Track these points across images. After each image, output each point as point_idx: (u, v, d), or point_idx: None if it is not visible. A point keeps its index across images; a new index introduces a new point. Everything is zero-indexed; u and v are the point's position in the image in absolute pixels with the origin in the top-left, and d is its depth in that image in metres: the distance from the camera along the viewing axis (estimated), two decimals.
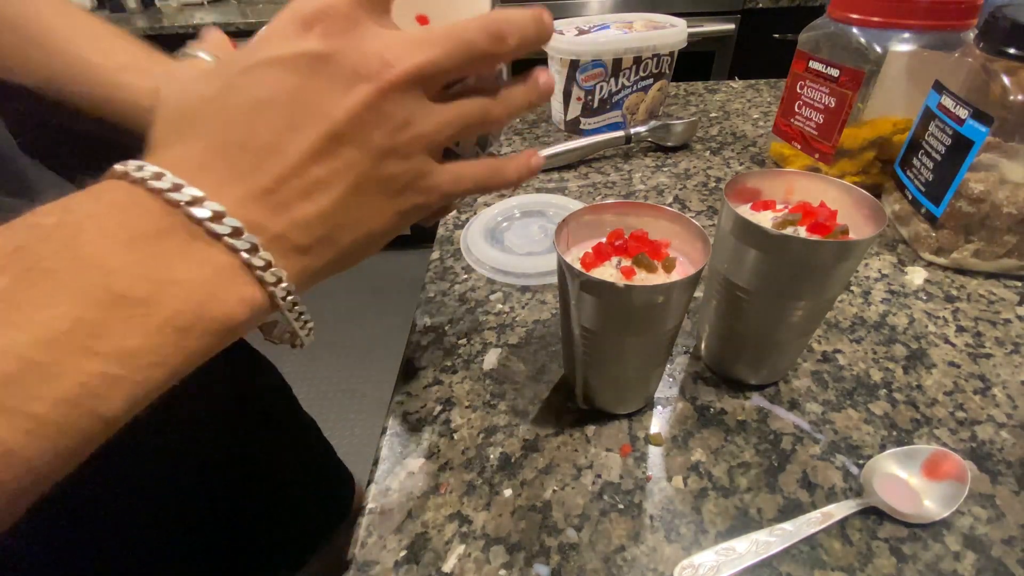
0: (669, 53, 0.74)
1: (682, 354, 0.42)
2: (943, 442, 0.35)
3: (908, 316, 0.45)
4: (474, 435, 0.37)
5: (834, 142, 0.58)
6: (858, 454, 0.34)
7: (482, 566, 0.30)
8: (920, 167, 0.50)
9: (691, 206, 0.61)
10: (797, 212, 0.34)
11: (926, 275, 0.49)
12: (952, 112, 0.46)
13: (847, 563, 0.29)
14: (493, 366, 0.42)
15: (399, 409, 0.39)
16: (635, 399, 0.37)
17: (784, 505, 0.32)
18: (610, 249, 0.33)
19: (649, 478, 0.34)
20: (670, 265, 0.32)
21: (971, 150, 0.44)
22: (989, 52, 0.44)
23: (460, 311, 0.47)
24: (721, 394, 0.39)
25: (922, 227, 0.50)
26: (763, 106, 0.86)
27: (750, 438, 0.36)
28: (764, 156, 0.71)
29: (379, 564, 0.30)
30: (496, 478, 0.34)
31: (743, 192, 0.37)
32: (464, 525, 0.32)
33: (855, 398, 0.38)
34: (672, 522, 0.31)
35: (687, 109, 0.86)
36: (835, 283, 0.33)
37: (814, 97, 0.59)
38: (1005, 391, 0.38)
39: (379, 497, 0.33)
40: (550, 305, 0.47)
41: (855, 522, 0.31)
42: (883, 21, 0.53)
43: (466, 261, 0.53)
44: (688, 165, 0.70)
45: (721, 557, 0.29)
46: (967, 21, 0.52)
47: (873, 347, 0.42)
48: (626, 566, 0.30)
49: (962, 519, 0.31)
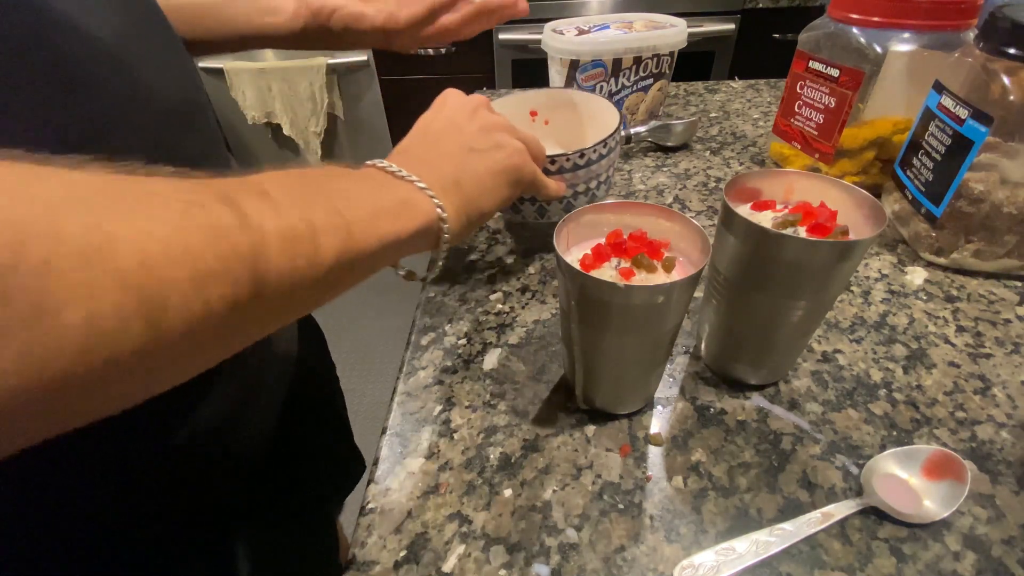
0: (669, 53, 0.74)
1: (682, 354, 0.42)
2: (943, 442, 0.35)
3: (908, 316, 0.45)
4: (474, 435, 0.37)
5: (834, 142, 0.58)
6: (858, 454, 0.34)
7: (482, 566, 0.30)
8: (920, 167, 0.50)
9: (691, 206, 0.61)
10: (797, 212, 0.34)
11: (926, 275, 0.49)
12: (952, 112, 0.46)
13: (847, 563, 0.29)
14: (493, 366, 0.42)
15: (399, 409, 0.39)
16: (635, 399, 0.37)
17: (784, 505, 0.32)
18: (609, 250, 0.33)
19: (649, 478, 0.34)
20: (670, 265, 0.32)
21: (971, 150, 0.44)
22: (989, 52, 0.44)
23: (460, 311, 0.47)
24: (721, 394, 0.39)
25: (922, 227, 0.50)
26: (763, 106, 0.86)
27: (750, 438, 0.36)
28: (764, 156, 0.71)
29: (379, 564, 0.30)
30: (496, 478, 0.34)
31: (743, 192, 0.37)
32: (464, 525, 0.32)
33: (855, 398, 0.38)
34: (672, 522, 0.31)
35: (687, 109, 0.86)
36: (835, 283, 0.33)
37: (814, 97, 0.59)
38: (1005, 391, 0.38)
39: (379, 497, 0.33)
40: (550, 305, 0.47)
41: (855, 522, 0.31)
42: (883, 21, 0.53)
43: (466, 261, 0.53)
44: (688, 165, 0.70)
45: (721, 557, 0.29)
46: (967, 21, 0.52)
47: (873, 347, 0.42)
48: (626, 566, 0.30)
49: (962, 519, 0.31)
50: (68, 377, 0.14)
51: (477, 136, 0.34)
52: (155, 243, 0.16)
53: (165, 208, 0.18)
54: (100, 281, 0.15)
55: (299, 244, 0.21)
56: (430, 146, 0.34)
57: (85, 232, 0.15)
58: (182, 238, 0.17)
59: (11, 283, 0.13)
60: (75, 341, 0.14)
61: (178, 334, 0.17)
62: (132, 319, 0.15)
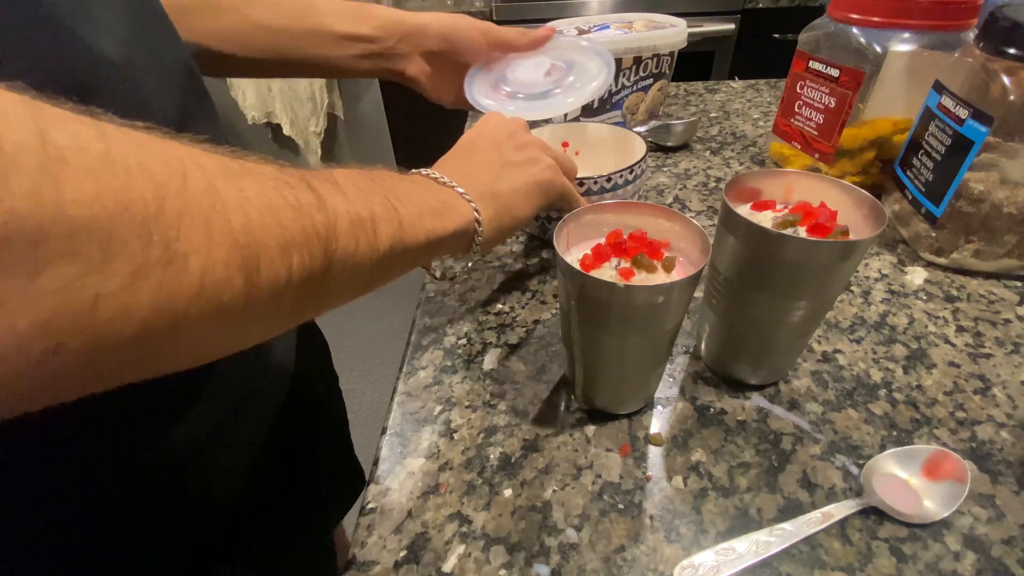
0: (669, 53, 0.74)
1: (682, 354, 0.42)
2: (943, 442, 0.35)
3: (908, 316, 0.45)
4: (474, 435, 0.37)
5: (834, 142, 0.58)
6: (858, 454, 0.34)
7: (482, 566, 0.30)
8: (920, 167, 0.50)
9: (691, 206, 0.61)
10: (797, 212, 0.34)
11: (926, 275, 0.49)
12: (952, 112, 0.46)
13: (847, 563, 0.29)
14: (493, 366, 0.42)
15: (399, 409, 0.39)
16: (635, 399, 0.37)
17: (784, 505, 0.32)
18: (609, 250, 0.33)
19: (649, 478, 0.34)
20: (670, 265, 0.32)
21: (971, 150, 0.44)
22: (989, 52, 0.44)
23: (460, 311, 0.47)
24: (721, 394, 0.39)
25: (922, 227, 0.50)
26: (763, 106, 0.86)
27: (750, 438, 0.36)
28: (764, 156, 0.71)
29: (379, 564, 0.30)
30: (496, 478, 0.34)
31: (743, 192, 0.37)
32: (464, 525, 0.32)
33: (855, 398, 0.38)
34: (672, 522, 0.31)
35: (687, 109, 0.86)
36: (835, 283, 0.33)
37: (814, 97, 0.59)
38: (1005, 391, 0.38)
39: (379, 497, 0.33)
40: (550, 305, 0.47)
41: (855, 522, 0.31)
42: (883, 21, 0.53)
43: (466, 261, 0.53)
44: (688, 165, 0.70)
45: (721, 557, 0.29)
46: (967, 21, 0.52)
47: (873, 347, 0.42)
48: (626, 566, 0.30)
49: (962, 519, 0.31)
50: (184, 318, 0.17)
51: (513, 152, 0.37)
52: (255, 211, 0.19)
53: (261, 182, 0.20)
54: (216, 238, 0.17)
55: (362, 228, 0.24)
56: (469, 159, 0.37)
57: (206, 193, 0.17)
58: (275, 210, 0.20)
59: (153, 228, 0.15)
60: (193, 286, 0.17)
61: (266, 292, 0.19)
62: (235, 274, 0.18)
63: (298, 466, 0.47)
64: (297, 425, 0.46)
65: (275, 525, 0.43)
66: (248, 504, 0.38)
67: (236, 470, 0.37)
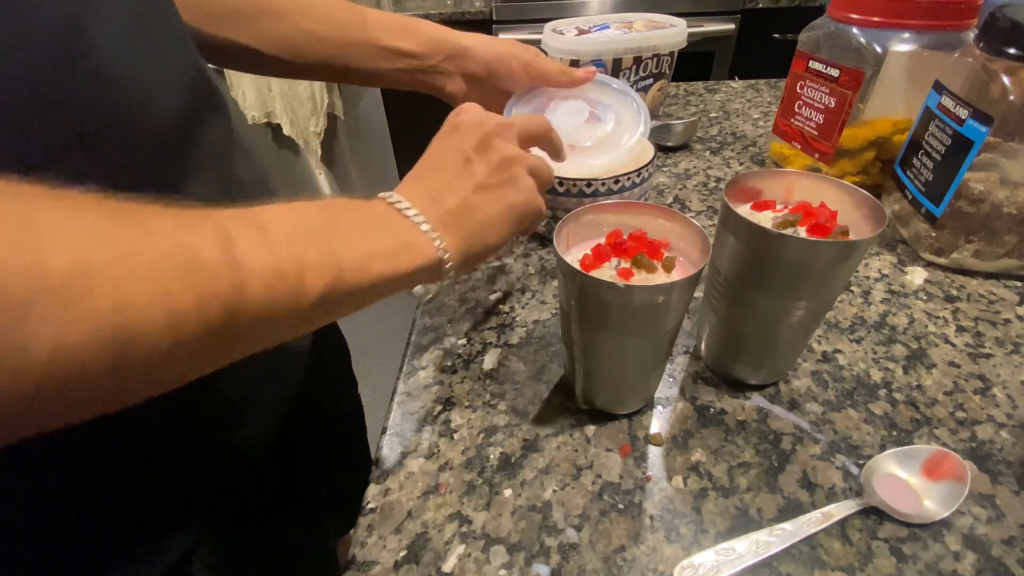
0: (669, 53, 0.74)
1: (682, 354, 0.42)
2: (943, 442, 0.35)
3: (908, 316, 0.45)
4: (474, 435, 0.37)
5: (834, 142, 0.58)
6: (858, 454, 0.34)
7: (482, 566, 0.30)
8: (920, 167, 0.50)
9: (691, 206, 0.61)
10: (797, 212, 0.34)
11: (926, 275, 0.49)
12: (952, 112, 0.46)
13: (847, 563, 0.29)
14: (493, 366, 0.42)
15: (399, 409, 0.39)
16: (635, 399, 0.37)
17: (784, 505, 0.32)
18: (609, 250, 0.33)
19: (649, 478, 0.34)
20: (670, 265, 0.32)
21: (971, 150, 0.44)
22: (989, 52, 0.44)
23: (460, 311, 0.47)
24: (721, 394, 0.39)
25: (922, 227, 0.50)
26: (763, 106, 0.86)
27: (750, 438, 0.36)
28: (764, 156, 0.71)
29: (379, 564, 0.30)
30: (496, 478, 0.34)
31: (743, 192, 0.37)
32: (464, 525, 0.32)
33: (855, 398, 0.38)
34: (672, 522, 0.31)
35: (687, 109, 0.86)
36: (835, 283, 0.33)
37: (814, 97, 0.59)
38: (1005, 391, 0.38)
39: (379, 497, 0.33)
40: (550, 305, 0.47)
41: (855, 522, 0.31)
42: (883, 21, 0.53)
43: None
44: (688, 165, 0.70)
45: (721, 557, 0.29)
46: (967, 21, 0.52)
47: (873, 347, 0.42)
48: (626, 566, 0.30)
49: (962, 519, 0.31)
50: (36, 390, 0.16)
51: (487, 173, 0.34)
52: (135, 284, 0.18)
53: (154, 247, 0.19)
54: (73, 320, 0.16)
55: (283, 282, 0.23)
56: (437, 176, 0.34)
57: (69, 267, 0.16)
58: (163, 280, 0.18)
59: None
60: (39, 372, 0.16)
61: (146, 361, 0.18)
62: (101, 352, 0.17)
63: (305, 466, 0.47)
64: (309, 425, 0.46)
65: (277, 524, 0.43)
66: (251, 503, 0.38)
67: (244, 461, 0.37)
